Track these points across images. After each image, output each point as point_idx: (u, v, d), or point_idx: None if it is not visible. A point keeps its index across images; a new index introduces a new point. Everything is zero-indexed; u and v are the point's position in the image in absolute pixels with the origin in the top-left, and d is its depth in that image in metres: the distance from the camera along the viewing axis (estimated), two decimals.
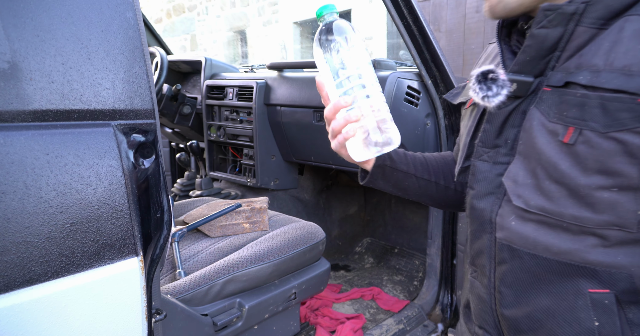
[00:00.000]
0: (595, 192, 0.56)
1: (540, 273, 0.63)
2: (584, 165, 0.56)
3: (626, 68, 0.52)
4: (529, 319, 0.66)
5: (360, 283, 2.05)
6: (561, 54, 0.59)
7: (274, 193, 2.16)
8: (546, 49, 0.60)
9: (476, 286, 0.74)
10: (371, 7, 6.27)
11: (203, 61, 2.24)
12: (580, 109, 0.55)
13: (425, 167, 0.87)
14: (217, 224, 1.41)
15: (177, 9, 9.65)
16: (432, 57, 1.44)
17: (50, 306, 0.56)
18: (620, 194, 0.55)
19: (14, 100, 0.53)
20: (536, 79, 0.62)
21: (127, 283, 0.63)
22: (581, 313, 0.60)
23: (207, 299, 1.16)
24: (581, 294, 0.60)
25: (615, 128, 0.53)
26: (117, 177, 0.60)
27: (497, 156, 0.67)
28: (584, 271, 0.59)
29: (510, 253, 0.65)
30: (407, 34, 1.41)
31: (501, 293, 0.68)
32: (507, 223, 0.65)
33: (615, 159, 0.54)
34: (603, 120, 0.54)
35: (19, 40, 0.53)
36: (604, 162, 0.54)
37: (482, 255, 0.71)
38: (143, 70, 0.64)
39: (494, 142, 0.67)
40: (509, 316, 0.68)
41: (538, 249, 0.62)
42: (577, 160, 0.56)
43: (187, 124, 2.25)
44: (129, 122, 0.63)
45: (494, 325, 0.72)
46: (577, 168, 0.56)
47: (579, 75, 0.56)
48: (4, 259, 0.52)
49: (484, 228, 0.69)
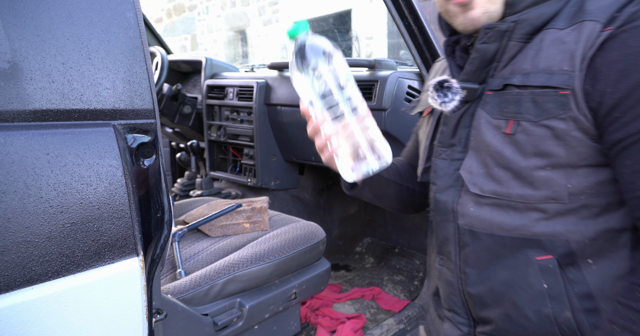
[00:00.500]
0: (534, 172, 0.67)
1: (497, 250, 0.73)
2: (523, 150, 0.67)
3: (548, 68, 0.65)
4: (492, 293, 0.75)
5: (360, 283, 2.05)
6: (498, 64, 0.72)
7: (275, 193, 2.16)
8: (487, 60, 0.72)
9: (444, 272, 0.82)
10: (372, 7, 6.27)
11: (203, 61, 2.24)
12: (517, 105, 0.68)
13: (398, 172, 0.97)
14: (218, 224, 1.41)
15: (178, 9, 9.65)
16: (433, 56, 1.44)
17: (51, 306, 0.56)
18: (553, 172, 0.66)
19: (15, 99, 0.53)
20: (480, 85, 0.74)
21: (127, 283, 0.63)
22: (532, 279, 0.70)
23: (207, 299, 1.16)
24: (531, 262, 0.70)
25: (545, 117, 0.65)
26: (118, 177, 0.60)
27: (454, 153, 0.78)
28: (531, 242, 0.69)
29: (471, 236, 0.75)
30: (407, 33, 1.41)
31: (466, 274, 0.77)
32: (466, 209, 0.75)
33: (547, 142, 0.65)
34: (535, 112, 0.66)
35: (19, 40, 0.53)
36: (538, 146, 0.66)
37: (448, 243, 0.80)
38: (143, 70, 0.64)
39: (450, 142, 0.79)
40: (474, 293, 0.77)
41: (494, 229, 0.72)
42: (517, 147, 0.68)
43: (187, 124, 2.25)
44: (130, 121, 0.63)
45: (462, 304, 0.81)
46: (518, 154, 0.68)
47: (513, 78, 0.69)
48: (5, 259, 0.52)
49: (448, 217, 0.79)
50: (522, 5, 0.69)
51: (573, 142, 0.64)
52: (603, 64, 0.60)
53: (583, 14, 0.63)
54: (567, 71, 0.62)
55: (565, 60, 0.63)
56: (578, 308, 0.68)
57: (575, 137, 0.63)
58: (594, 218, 0.67)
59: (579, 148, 0.64)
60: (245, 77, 2.10)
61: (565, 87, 0.62)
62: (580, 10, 0.64)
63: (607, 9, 0.61)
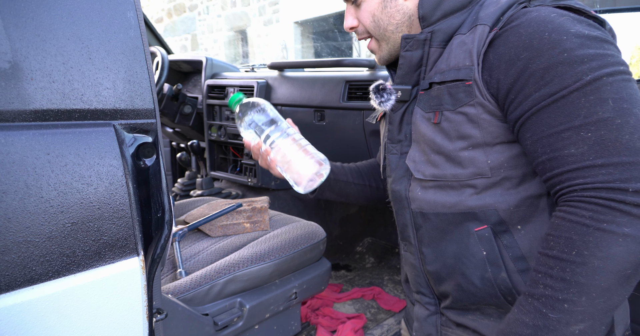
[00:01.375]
0: (460, 153, 0.78)
1: (444, 227, 0.83)
2: (449, 135, 0.79)
3: (456, 65, 0.77)
4: (445, 267, 0.85)
5: (361, 282, 2.05)
6: (425, 68, 0.85)
7: (275, 193, 2.16)
8: (414, 65, 0.85)
9: (407, 257, 0.94)
10: None
11: (204, 61, 2.24)
12: (439, 98, 0.80)
13: (359, 174, 1.14)
14: (218, 224, 1.41)
15: (178, 9, 9.65)
16: None
17: (51, 305, 0.56)
18: (474, 151, 0.77)
19: (15, 99, 0.53)
20: (414, 87, 0.87)
21: (128, 282, 0.63)
22: (474, 248, 0.80)
23: (208, 299, 1.16)
24: (470, 234, 0.80)
25: (459, 105, 0.77)
26: (118, 177, 0.60)
27: (402, 148, 0.91)
28: (468, 216, 0.80)
29: (422, 218, 0.86)
30: None
31: (424, 254, 0.88)
32: (415, 194, 0.87)
33: (464, 126, 0.77)
34: (451, 102, 0.78)
35: (20, 40, 0.53)
36: (459, 130, 0.78)
37: (407, 228, 0.91)
38: (144, 70, 0.64)
39: (397, 138, 0.91)
40: (432, 270, 0.87)
41: (438, 208, 0.83)
42: (444, 133, 0.80)
43: (187, 124, 2.25)
44: (130, 121, 0.63)
45: (426, 284, 0.91)
46: (446, 139, 0.80)
47: (434, 77, 0.81)
48: (5, 259, 0.52)
49: (403, 205, 0.90)
50: (433, 19, 0.83)
51: (484, 124, 0.76)
52: (494, 57, 0.73)
53: (477, 21, 0.77)
54: (468, 66, 0.75)
55: (466, 58, 0.76)
56: (513, 270, 0.78)
57: (485, 119, 0.75)
58: (515, 188, 0.77)
59: (490, 128, 0.75)
60: (245, 77, 2.10)
61: (469, 78, 0.75)
62: (476, 18, 0.78)
63: (492, 14, 0.75)
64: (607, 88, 0.65)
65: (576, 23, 0.69)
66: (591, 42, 0.67)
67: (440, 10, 0.83)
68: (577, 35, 0.67)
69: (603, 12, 1.39)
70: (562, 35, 0.67)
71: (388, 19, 0.87)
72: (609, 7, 1.69)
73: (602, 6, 1.65)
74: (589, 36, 0.67)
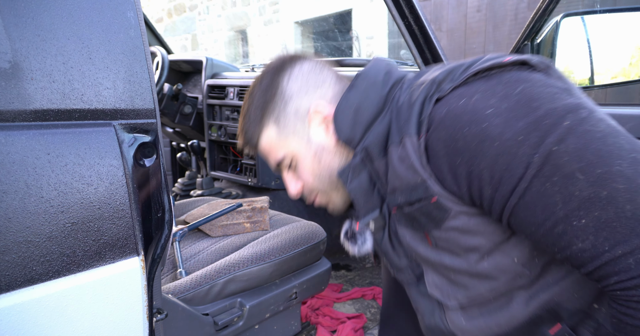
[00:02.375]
0: (479, 266, 0.66)
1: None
2: (455, 252, 0.67)
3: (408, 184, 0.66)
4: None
5: (361, 282, 2.05)
6: (381, 182, 0.72)
7: (275, 193, 2.16)
8: (367, 188, 0.74)
9: None
10: (372, 7, 6.26)
11: (204, 61, 2.24)
12: (416, 220, 0.68)
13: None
14: (218, 224, 1.41)
15: (178, 9, 9.65)
16: (433, 56, 1.44)
17: (52, 305, 0.56)
18: (492, 257, 0.65)
19: (15, 99, 0.53)
20: (382, 209, 0.75)
21: (128, 282, 0.63)
22: None
23: (208, 298, 1.16)
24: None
25: (441, 222, 0.65)
26: (118, 177, 0.60)
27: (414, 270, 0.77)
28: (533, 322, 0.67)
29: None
30: (408, 33, 1.41)
31: None
32: (460, 325, 0.73)
33: (463, 239, 0.65)
34: (431, 222, 0.66)
35: (20, 40, 0.53)
36: (460, 245, 0.66)
37: None
38: (144, 70, 0.63)
39: (400, 265, 0.78)
40: None
41: (494, 330, 0.70)
42: (448, 252, 0.68)
43: (188, 124, 2.25)
44: (130, 121, 0.63)
45: None
46: (455, 257, 0.68)
47: (397, 198, 0.69)
48: (5, 258, 0.52)
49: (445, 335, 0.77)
50: (358, 137, 0.74)
51: (481, 228, 0.64)
52: (437, 167, 0.63)
53: (401, 131, 0.66)
54: (422, 182, 0.64)
55: (414, 174, 0.65)
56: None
57: (478, 224, 0.64)
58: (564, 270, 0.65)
59: (490, 228, 0.64)
60: (245, 77, 2.10)
61: (430, 195, 0.64)
62: (398, 127, 0.67)
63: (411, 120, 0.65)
64: (565, 159, 0.53)
65: (490, 97, 0.59)
66: (516, 112, 0.56)
67: (358, 125, 0.74)
68: (496, 114, 0.57)
69: (603, 12, 1.39)
70: (480, 123, 0.57)
71: (328, 168, 0.80)
72: (609, 7, 1.69)
73: (602, 6, 1.65)
74: (510, 107, 0.57)
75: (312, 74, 0.81)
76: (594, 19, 1.38)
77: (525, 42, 1.27)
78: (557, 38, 1.32)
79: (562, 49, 1.32)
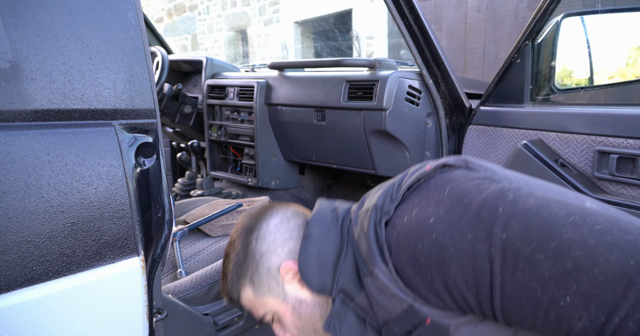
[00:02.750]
0: None
1: None
2: None
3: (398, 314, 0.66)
4: None
5: None
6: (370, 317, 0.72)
7: (275, 193, 2.16)
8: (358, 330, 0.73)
9: None
10: (372, 7, 6.27)
11: (204, 61, 2.24)
12: None
13: None
14: (218, 224, 1.41)
15: (178, 9, 9.65)
16: (433, 56, 1.44)
17: (51, 305, 0.56)
18: None
19: (15, 99, 0.53)
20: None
21: (128, 282, 0.63)
22: None
23: (208, 298, 1.16)
24: None
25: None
26: (118, 177, 0.60)
27: None
28: None
29: None
30: (408, 33, 1.41)
31: None
32: None
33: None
34: None
35: (20, 40, 0.53)
36: None
37: None
38: (144, 70, 0.63)
39: None
40: None
41: None
42: None
43: (188, 124, 2.25)
44: (130, 121, 0.63)
45: None
46: None
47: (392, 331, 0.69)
48: (5, 259, 0.52)
49: None
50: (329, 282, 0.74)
51: (486, 333, 0.63)
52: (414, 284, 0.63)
53: (367, 263, 0.68)
54: (409, 307, 0.64)
55: (400, 301, 0.65)
56: None
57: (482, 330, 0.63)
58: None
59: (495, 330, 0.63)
60: (245, 77, 2.10)
61: (423, 317, 0.64)
62: (363, 260, 0.69)
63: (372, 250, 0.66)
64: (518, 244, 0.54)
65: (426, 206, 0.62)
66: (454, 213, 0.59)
67: (325, 269, 0.75)
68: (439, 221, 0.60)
69: (604, 12, 1.39)
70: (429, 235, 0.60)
71: (310, 321, 0.81)
72: (609, 7, 1.69)
73: (602, 6, 1.65)
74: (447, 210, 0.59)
75: (278, 232, 0.83)
76: (594, 19, 1.38)
77: (526, 42, 1.27)
78: (558, 38, 1.32)
79: (562, 49, 1.32)
